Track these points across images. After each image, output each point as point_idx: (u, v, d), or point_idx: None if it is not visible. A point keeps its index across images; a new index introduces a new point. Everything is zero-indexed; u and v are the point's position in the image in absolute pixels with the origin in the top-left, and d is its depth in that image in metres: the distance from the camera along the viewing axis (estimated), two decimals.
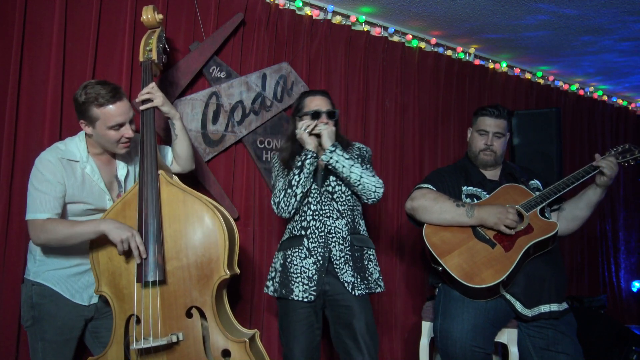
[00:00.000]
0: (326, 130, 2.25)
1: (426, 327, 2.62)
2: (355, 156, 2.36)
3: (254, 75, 3.03)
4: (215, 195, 2.82)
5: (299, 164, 2.23)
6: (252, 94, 3.02)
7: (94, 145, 2.09)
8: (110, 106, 1.96)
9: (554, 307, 2.30)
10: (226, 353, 1.97)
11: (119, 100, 1.99)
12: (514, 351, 2.39)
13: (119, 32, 2.60)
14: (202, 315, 1.98)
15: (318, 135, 2.27)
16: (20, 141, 2.34)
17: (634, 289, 5.38)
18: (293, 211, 2.27)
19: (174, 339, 1.91)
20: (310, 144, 2.25)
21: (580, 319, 2.62)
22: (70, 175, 2.00)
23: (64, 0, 2.43)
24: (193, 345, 1.96)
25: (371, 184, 2.24)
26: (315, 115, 2.31)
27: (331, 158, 2.21)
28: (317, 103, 2.35)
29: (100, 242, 1.97)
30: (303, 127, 2.27)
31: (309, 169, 2.22)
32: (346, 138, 2.47)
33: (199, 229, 1.99)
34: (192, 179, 2.75)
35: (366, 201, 2.30)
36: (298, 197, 2.23)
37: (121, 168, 2.18)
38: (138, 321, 1.95)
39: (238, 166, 3.01)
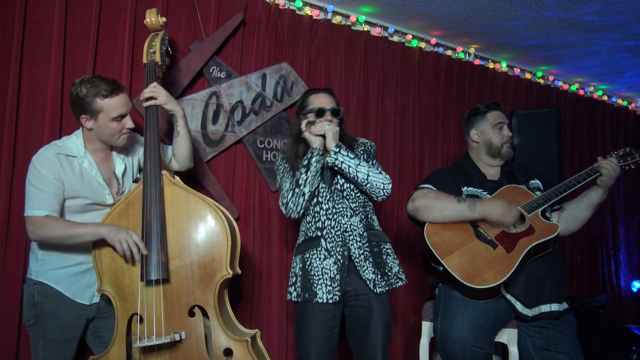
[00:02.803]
0: (331, 131, 2.22)
1: (426, 327, 2.62)
2: (361, 152, 2.34)
3: (254, 75, 3.03)
4: (215, 195, 2.82)
5: (305, 162, 2.21)
6: (252, 94, 3.02)
7: (91, 142, 2.10)
8: (114, 97, 2.01)
9: (555, 307, 2.30)
10: (228, 352, 1.98)
11: (121, 92, 2.04)
12: (514, 351, 2.39)
13: (119, 32, 2.60)
14: (205, 314, 1.99)
15: (322, 136, 2.26)
16: (20, 141, 2.34)
17: (634, 289, 5.39)
18: (302, 211, 2.25)
19: (177, 338, 1.92)
20: (315, 142, 2.24)
21: (580, 319, 2.62)
22: (67, 170, 2.01)
23: (64, 0, 2.43)
24: (195, 344, 1.96)
25: (379, 182, 2.22)
26: (320, 112, 2.29)
27: (336, 159, 2.20)
28: (321, 100, 2.34)
29: (103, 241, 1.97)
30: (305, 126, 2.27)
31: (315, 166, 2.20)
32: (350, 134, 2.45)
33: (202, 228, 2.00)
34: (192, 179, 2.75)
35: (376, 199, 2.28)
36: (306, 197, 2.21)
37: (119, 164, 2.18)
38: (141, 320, 1.95)
39: (238, 166, 3.01)
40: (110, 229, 1.92)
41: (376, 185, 2.22)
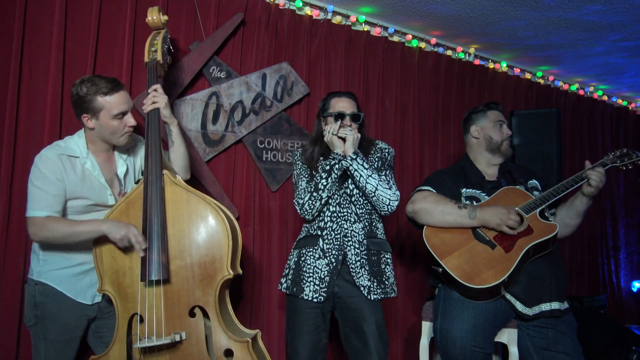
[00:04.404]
0: (351, 136, 2.23)
1: (426, 327, 2.62)
2: (377, 158, 2.35)
3: (254, 75, 3.03)
4: (215, 195, 2.82)
5: (327, 167, 2.22)
6: (252, 94, 3.02)
7: (93, 142, 2.10)
8: (114, 94, 2.01)
9: (555, 305, 2.30)
10: (229, 353, 1.97)
11: (121, 89, 2.04)
12: (514, 351, 2.39)
13: (119, 32, 2.60)
14: (205, 314, 1.98)
15: (342, 139, 2.26)
16: (20, 141, 2.34)
17: (634, 289, 5.39)
18: (317, 214, 2.29)
19: (177, 338, 1.91)
20: (339, 147, 2.24)
21: (580, 319, 2.62)
22: (70, 171, 2.01)
23: (64, 0, 2.43)
24: (196, 344, 1.96)
25: (385, 197, 2.23)
26: (339, 117, 2.30)
27: (350, 165, 2.21)
28: (342, 105, 2.34)
29: (104, 241, 1.97)
30: (331, 130, 2.26)
31: (336, 173, 2.22)
32: (369, 138, 2.46)
33: (203, 228, 1.99)
34: (192, 179, 2.74)
35: (379, 212, 2.30)
36: (323, 201, 2.24)
37: (121, 165, 2.18)
38: (141, 320, 1.95)
39: (238, 166, 3.01)
40: (112, 225, 1.92)
41: (382, 199, 2.23)
